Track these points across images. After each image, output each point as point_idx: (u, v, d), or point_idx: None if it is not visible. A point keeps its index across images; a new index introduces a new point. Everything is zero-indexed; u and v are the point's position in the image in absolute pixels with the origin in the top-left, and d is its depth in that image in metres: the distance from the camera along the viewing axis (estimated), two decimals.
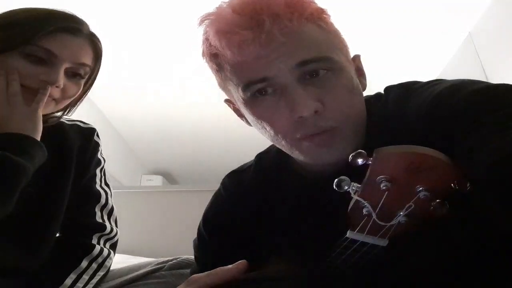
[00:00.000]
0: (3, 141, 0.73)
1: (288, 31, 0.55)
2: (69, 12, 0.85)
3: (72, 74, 0.84)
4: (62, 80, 0.80)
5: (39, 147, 0.76)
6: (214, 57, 0.62)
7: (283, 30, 0.55)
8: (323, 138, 0.57)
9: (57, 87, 0.80)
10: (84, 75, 0.86)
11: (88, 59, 0.85)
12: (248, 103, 0.60)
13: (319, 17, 0.59)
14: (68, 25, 0.82)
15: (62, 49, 0.80)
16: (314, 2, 0.60)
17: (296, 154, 0.62)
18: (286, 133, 0.59)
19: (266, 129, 0.61)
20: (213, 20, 0.59)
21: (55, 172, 0.87)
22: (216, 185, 0.82)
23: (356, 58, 0.66)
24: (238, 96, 0.61)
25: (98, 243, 0.92)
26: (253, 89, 0.58)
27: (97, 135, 1.00)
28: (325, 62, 0.56)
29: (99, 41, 0.88)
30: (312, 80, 0.56)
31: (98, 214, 0.95)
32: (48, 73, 0.79)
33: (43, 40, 0.78)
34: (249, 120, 0.65)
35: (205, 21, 0.60)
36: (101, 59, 0.90)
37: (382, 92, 0.68)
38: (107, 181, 1.01)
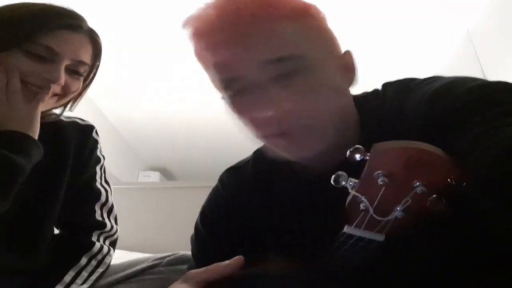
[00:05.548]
0: (0, 139, 0.73)
1: (262, 30, 0.56)
2: (68, 8, 0.84)
3: (72, 71, 0.83)
4: (63, 77, 0.80)
5: (36, 146, 0.76)
6: (199, 57, 0.63)
7: (257, 30, 0.56)
8: (296, 136, 0.58)
9: (59, 84, 0.80)
10: (83, 73, 0.86)
11: (87, 57, 0.85)
12: (229, 101, 0.61)
13: (300, 14, 0.59)
14: (68, 22, 0.81)
15: (63, 46, 0.79)
16: (295, 2, 0.59)
17: (276, 151, 0.63)
18: (262, 130, 0.60)
19: (248, 126, 0.62)
20: (194, 22, 0.60)
21: (51, 170, 0.87)
22: (213, 181, 0.82)
23: (346, 54, 0.65)
24: (223, 94, 0.62)
25: (98, 240, 0.92)
26: (232, 88, 0.59)
27: (96, 132, 0.99)
28: (296, 61, 0.56)
29: (98, 37, 0.88)
30: (284, 79, 0.56)
31: (98, 212, 0.94)
32: (50, 71, 0.78)
33: (43, 37, 0.77)
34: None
35: (187, 23, 0.61)
36: (100, 55, 0.89)
37: (380, 88, 0.68)
38: (107, 179, 1.01)
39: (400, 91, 0.62)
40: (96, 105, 2.84)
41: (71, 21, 0.82)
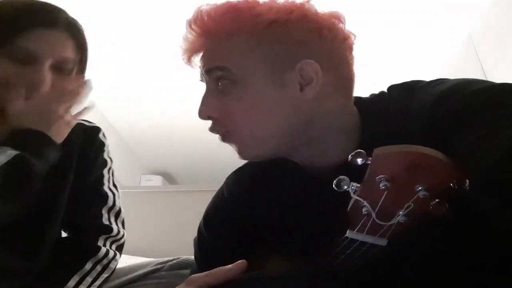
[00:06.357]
0: (23, 139, 0.73)
1: (211, 45, 0.65)
2: (41, 1, 0.80)
3: (60, 69, 0.80)
4: (48, 77, 0.77)
5: (54, 148, 0.76)
6: None
7: (210, 44, 0.65)
8: (228, 140, 0.66)
9: (43, 88, 0.77)
10: (72, 68, 0.82)
11: (70, 52, 0.81)
12: None
13: (253, 29, 0.62)
14: (43, 18, 0.78)
15: (41, 45, 0.76)
16: (261, 15, 0.62)
17: None
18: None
19: None
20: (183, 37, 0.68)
21: (55, 172, 0.85)
22: (215, 185, 0.82)
23: (303, 66, 0.62)
24: None
25: (104, 245, 0.91)
26: None
27: (103, 135, 0.98)
28: (222, 72, 0.63)
29: (77, 29, 0.83)
30: (217, 88, 0.64)
31: (105, 216, 0.93)
32: (33, 73, 0.76)
33: (20, 39, 0.75)
34: None
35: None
36: (86, 45, 0.85)
37: (386, 91, 0.68)
38: (115, 182, 1.00)
39: (405, 93, 0.62)
40: (97, 108, 2.83)
41: (44, 17, 0.78)
